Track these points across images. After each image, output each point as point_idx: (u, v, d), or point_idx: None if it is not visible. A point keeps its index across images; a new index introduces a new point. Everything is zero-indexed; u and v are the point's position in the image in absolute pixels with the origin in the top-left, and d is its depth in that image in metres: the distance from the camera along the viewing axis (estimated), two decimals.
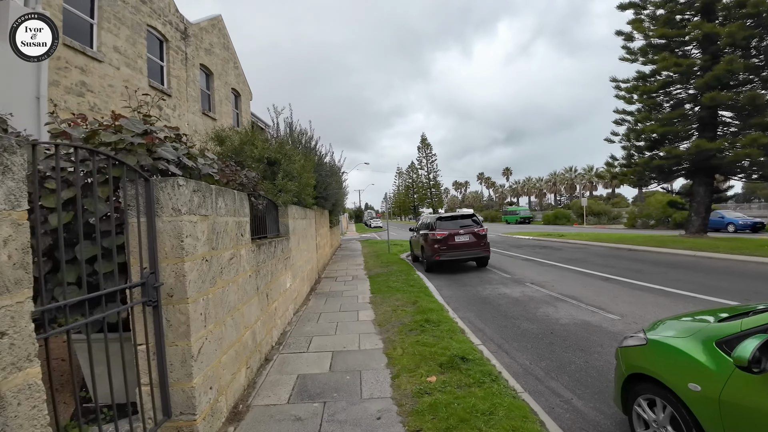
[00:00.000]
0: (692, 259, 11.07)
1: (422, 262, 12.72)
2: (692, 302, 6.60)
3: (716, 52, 12.94)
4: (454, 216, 12.03)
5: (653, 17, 14.02)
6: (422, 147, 72.53)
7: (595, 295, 7.50)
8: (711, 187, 14.85)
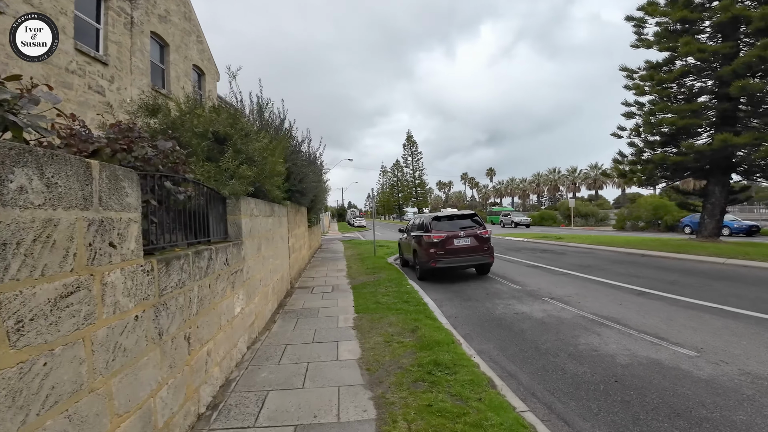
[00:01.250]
0: (726, 268, 9.70)
1: (414, 268, 11.00)
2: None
3: (742, 38, 11.75)
4: (452, 215, 10.35)
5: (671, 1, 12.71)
6: (408, 145, 70.99)
7: (641, 317, 5.91)
8: (728, 188, 13.72)
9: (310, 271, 11.98)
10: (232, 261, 4.38)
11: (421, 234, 10.35)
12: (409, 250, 11.55)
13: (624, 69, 14.97)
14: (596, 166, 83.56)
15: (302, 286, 9.55)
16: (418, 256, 10.36)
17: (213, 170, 4.56)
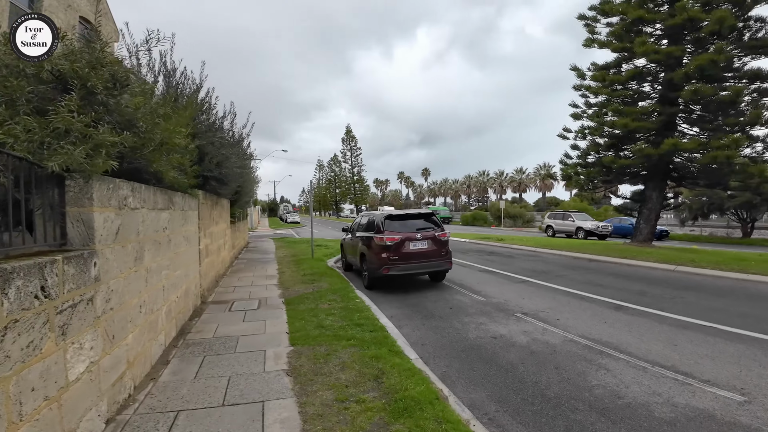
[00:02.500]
0: (682, 276, 9.53)
1: (361, 274, 9.41)
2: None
3: (690, 43, 12.10)
4: (407, 215, 8.94)
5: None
6: (347, 139, 68.87)
7: (640, 341, 5.00)
8: (664, 194, 14.28)
9: (231, 278, 9.79)
10: (66, 287, 2.40)
11: (371, 235, 8.79)
12: (355, 253, 9.95)
13: (574, 69, 14.93)
14: (521, 171, 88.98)
15: (218, 300, 7.44)
16: (367, 261, 8.79)
17: (38, 130, 2.52)
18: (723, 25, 10.82)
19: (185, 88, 7.14)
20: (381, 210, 76.79)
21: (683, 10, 11.34)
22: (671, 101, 12.94)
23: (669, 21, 12.07)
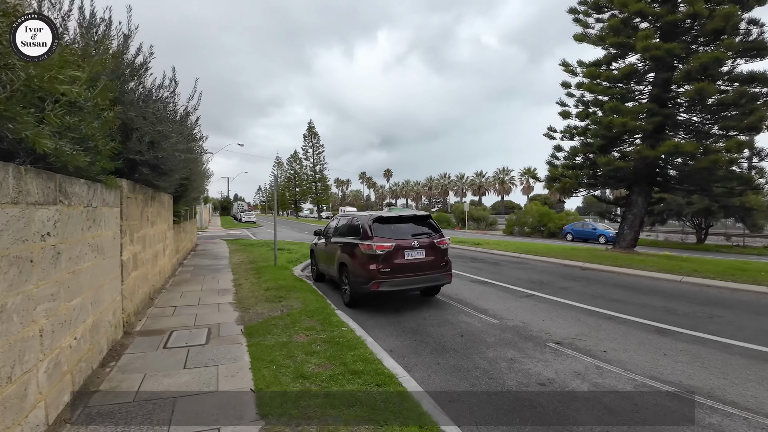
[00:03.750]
0: (693, 288, 8.73)
1: (341, 288, 7.74)
2: None
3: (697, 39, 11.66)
4: (400, 217, 7.40)
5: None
6: (309, 136, 66.00)
7: (733, 383, 3.87)
8: (649, 198, 13.91)
9: (172, 293, 7.74)
10: None
11: (354, 242, 7.17)
12: (331, 262, 8.27)
13: (564, 64, 14.23)
14: (481, 174, 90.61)
15: (151, 328, 5.49)
16: (350, 274, 7.16)
17: None
18: (729, 23, 10.45)
19: (105, 39, 5.10)
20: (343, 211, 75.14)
21: (691, 4, 10.84)
22: (663, 102, 12.54)
23: (668, 17, 11.59)
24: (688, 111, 12.76)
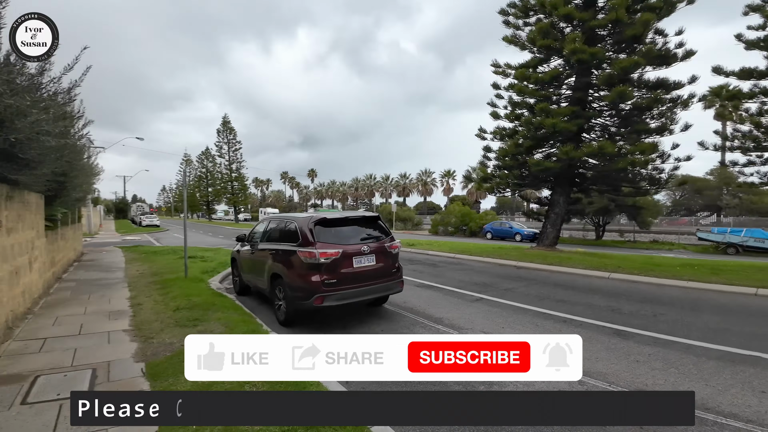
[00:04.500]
0: (626, 285, 9.08)
1: (275, 303, 6.58)
2: None
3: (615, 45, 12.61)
4: (346, 219, 6.47)
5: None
6: (224, 131, 60.67)
7: (723, 394, 3.68)
8: (569, 198, 14.86)
9: (42, 320, 5.87)
10: None
11: (290, 248, 6.10)
12: (260, 273, 7.04)
13: (495, 65, 14.59)
14: (405, 176, 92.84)
15: (2, 373, 3.86)
16: (286, 287, 6.06)
17: None
18: (646, 30, 11.49)
19: None
20: (264, 213, 70.76)
21: (614, 10, 11.69)
22: (584, 105, 13.48)
23: (592, 22, 12.42)
24: (606, 114, 13.92)
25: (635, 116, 12.87)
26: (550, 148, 14.44)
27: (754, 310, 6.74)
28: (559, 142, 13.55)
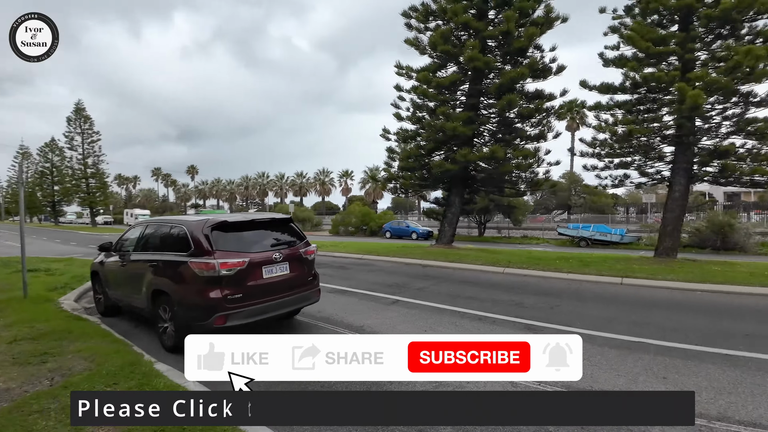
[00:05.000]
0: (520, 279, 9.78)
1: (156, 324, 5.35)
2: None
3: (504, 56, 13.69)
4: (252, 221, 5.55)
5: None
6: (76, 120, 49.89)
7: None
8: (464, 198, 15.86)
9: None
10: None
11: (179, 259, 5.02)
12: (137, 290, 5.69)
13: (398, 66, 14.79)
14: (302, 174, 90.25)
15: None
16: (178, 306, 4.94)
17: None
18: (531, 42, 12.81)
19: None
20: (130, 215, 61.17)
21: (506, 22, 12.79)
22: (477, 111, 14.54)
23: (486, 32, 13.44)
24: (493, 121, 15.28)
25: (518, 124, 14.44)
26: (447, 151, 15.30)
27: (626, 299, 7.80)
28: (456, 145, 14.43)
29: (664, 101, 11.70)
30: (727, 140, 11.35)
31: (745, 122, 10.71)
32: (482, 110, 15.17)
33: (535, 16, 13.40)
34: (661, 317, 6.36)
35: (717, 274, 9.06)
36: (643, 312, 6.74)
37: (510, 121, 14.74)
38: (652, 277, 9.08)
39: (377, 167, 68.10)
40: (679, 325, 5.90)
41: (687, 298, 7.83)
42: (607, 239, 25.19)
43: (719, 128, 11.75)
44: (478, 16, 14.20)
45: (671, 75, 10.01)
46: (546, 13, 13.20)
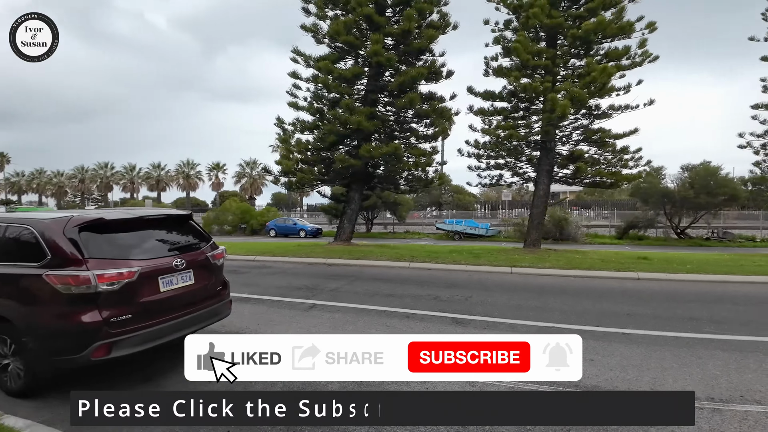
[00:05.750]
0: (427, 273, 10.07)
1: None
2: None
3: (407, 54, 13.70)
4: (139, 219, 4.21)
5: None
6: None
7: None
8: (362, 195, 15.61)
9: None
10: None
11: (26, 272, 3.55)
12: None
13: (296, 51, 13.65)
14: (160, 166, 78.60)
15: None
16: (28, 334, 3.49)
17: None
18: (431, 43, 13.27)
19: None
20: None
21: (407, 21, 12.90)
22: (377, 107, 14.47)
23: (387, 28, 13.43)
24: (391, 118, 15.50)
25: (413, 123, 15.00)
26: (348, 146, 14.93)
27: (523, 287, 8.62)
28: (357, 141, 14.18)
29: (534, 110, 13.54)
30: (577, 147, 13.76)
31: (591, 132, 13.14)
32: (380, 107, 15.26)
33: (432, 19, 14.03)
34: (557, 302, 7.15)
35: (580, 262, 10.83)
36: (541, 298, 7.48)
37: (407, 119, 15.18)
38: (533, 266, 10.38)
39: (255, 160, 64.20)
40: (573, 308, 6.72)
41: (568, 283, 8.95)
42: (475, 232, 28.36)
43: (570, 136, 14.19)
44: (380, 12, 14.19)
45: (545, 86, 11.62)
46: (441, 18, 13.94)
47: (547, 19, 11.48)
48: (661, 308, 6.65)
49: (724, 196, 24.24)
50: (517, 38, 11.89)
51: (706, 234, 27.10)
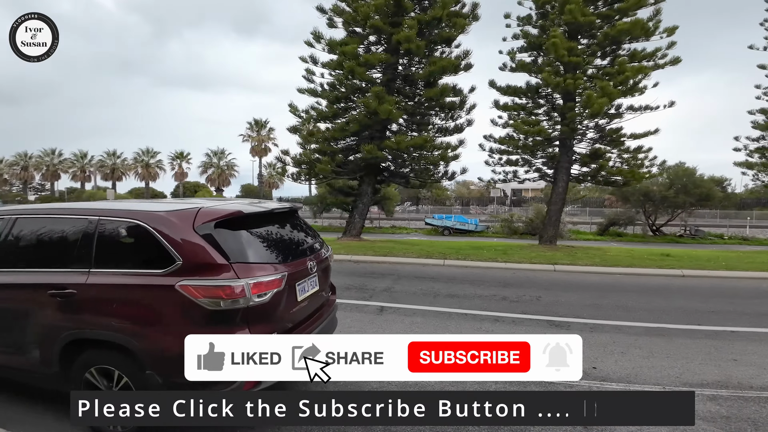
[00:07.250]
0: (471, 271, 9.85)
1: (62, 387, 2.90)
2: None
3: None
4: (272, 212, 3.53)
5: None
6: None
7: None
8: (374, 189, 15.02)
9: None
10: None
11: (148, 282, 2.85)
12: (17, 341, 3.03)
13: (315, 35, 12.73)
14: (115, 154, 73.42)
15: None
16: (154, 366, 2.76)
17: None
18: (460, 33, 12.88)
19: None
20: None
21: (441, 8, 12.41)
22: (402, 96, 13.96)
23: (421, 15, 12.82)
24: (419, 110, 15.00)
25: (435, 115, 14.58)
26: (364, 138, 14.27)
27: (584, 285, 8.38)
28: (378, 131, 13.54)
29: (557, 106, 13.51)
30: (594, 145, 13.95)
31: (611, 131, 13.33)
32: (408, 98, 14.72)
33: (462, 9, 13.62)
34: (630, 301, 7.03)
35: (613, 259, 10.90)
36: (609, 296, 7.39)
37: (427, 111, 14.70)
38: (573, 263, 10.33)
39: (223, 150, 62.17)
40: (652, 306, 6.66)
41: (618, 281, 8.91)
42: (465, 228, 28.51)
43: (585, 135, 14.35)
44: None
45: (578, 83, 11.59)
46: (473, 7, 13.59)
47: (581, 17, 11.44)
48: (741, 305, 6.77)
49: (700, 196, 25.93)
50: (553, 34, 11.74)
51: (679, 231, 28.82)
